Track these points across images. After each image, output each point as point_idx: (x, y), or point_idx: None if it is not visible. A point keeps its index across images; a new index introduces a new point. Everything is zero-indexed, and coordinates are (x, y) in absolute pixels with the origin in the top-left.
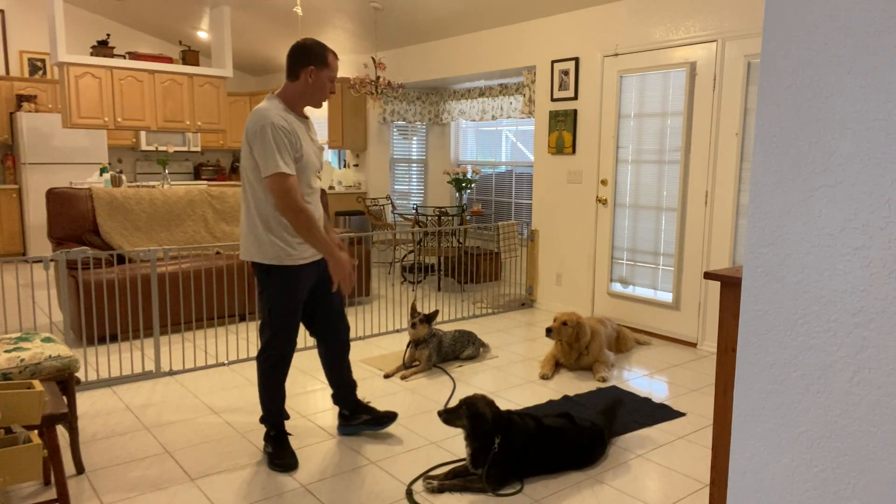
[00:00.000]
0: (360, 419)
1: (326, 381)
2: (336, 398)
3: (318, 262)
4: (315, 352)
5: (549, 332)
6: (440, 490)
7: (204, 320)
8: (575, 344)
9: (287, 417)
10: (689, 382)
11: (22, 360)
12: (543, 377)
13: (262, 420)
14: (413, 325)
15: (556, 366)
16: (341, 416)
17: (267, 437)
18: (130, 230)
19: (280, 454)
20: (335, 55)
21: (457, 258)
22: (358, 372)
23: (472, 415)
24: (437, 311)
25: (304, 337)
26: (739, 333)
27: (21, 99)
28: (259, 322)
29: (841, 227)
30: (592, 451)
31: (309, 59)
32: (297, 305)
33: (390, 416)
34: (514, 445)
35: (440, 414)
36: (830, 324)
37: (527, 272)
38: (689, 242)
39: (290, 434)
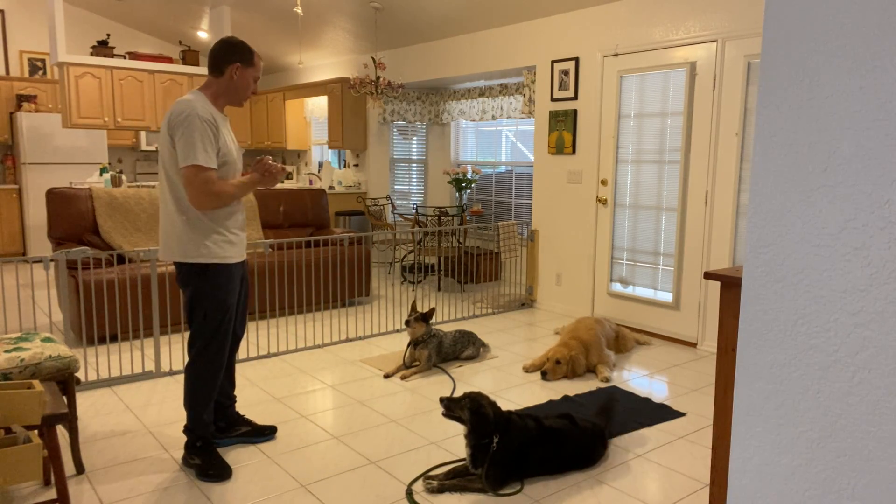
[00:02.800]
0: (238, 431)
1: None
2: (212, 410)
3: (242, 262)
4: (314, 352)
5: (544, 375)
6: (440, 490)
7: None
8: (571, 374)
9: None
10: (689, 382)
11: (22, 360)
12: (525, 370)
13: (188, 431)
14: (407, 324)
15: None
16: (216, 428)
17: (193, 449)
18: (130, 230)
19: (212, 464)
20: (259, 56)
21: (457, 258)
22: (358, 372)
23: (473, 409)
24: (433, 309)
25: (303, 336)
26: (739, 333)
27: (21, 99)
28: (189, 330)
29: (841, 227)
30: (593, 452)
31: (235, 55)
32: (232, 307)
33: (270, 429)
34: (512, 445)
35: (442, 400)
36: (830, 324)
37: (527, 272)
38: (689, 242)
39: (216, 444)
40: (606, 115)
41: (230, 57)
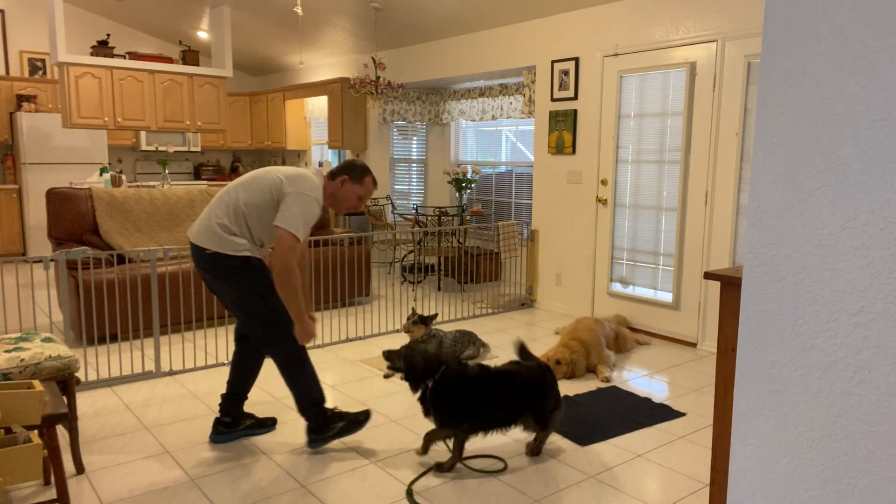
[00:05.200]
0: (242, 425)
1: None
2: (224, 403)
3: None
4: (314, 352)
5: None
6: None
7: (204, 320)
8: (571, 374)
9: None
10: (689, 382)
11: (22, 360)
12: None
13: (314, 405)
14: (407, 330)
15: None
16: (220, 423)
17: (328, 420)
18: (130, 230)
19: (352, 416)
20: (374, 181)
21: (457, 258)
22: (358, 372)
23: (406, 357)
24: (435, 315)
25: None
26: (739, 333)
27: (21, 99)
28: (249, 327)
29: (841, 227)
30: (543, 385)
31: (348, 171)
32: None
33: (272, 420)
34: (447, 386)
35: (384, 353)
36: (830, 324)
37: (527, 272)
38: (689, 242)
39: (222, 440)
40: (606, 115)
41: (344, 170)
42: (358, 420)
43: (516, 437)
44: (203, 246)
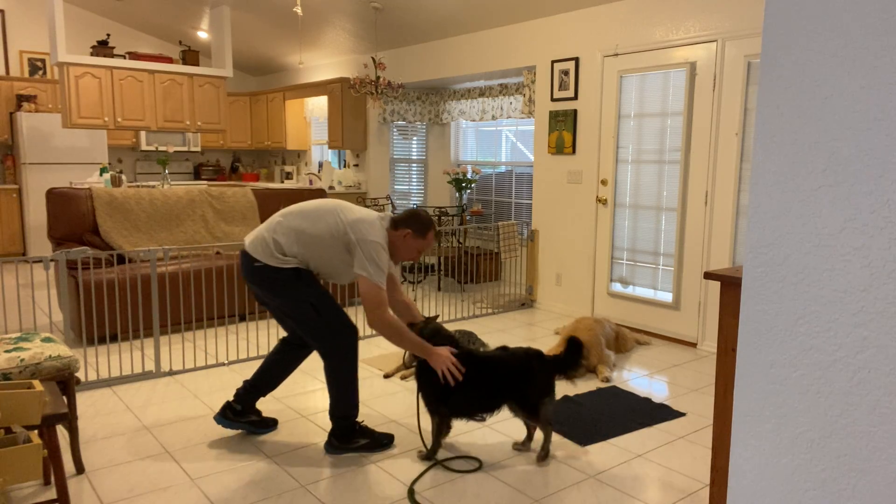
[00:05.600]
0: (247, 418)
1: (259, 375)
2: (243, 392)
3: None
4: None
5: None
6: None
7: (204, 320)
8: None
9: None
10: (689, 382)
11: (22, 360)
12: None
13: (345, 417)
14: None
15: None
16: (230, 409)
17: (355, 434)
18: (130, 230)
19: (377, 436)
20: (436, 234)
21: (457, 258)
22: (358, 372)
23: (420, 329)
24: (436, 316)
25: None
26: (739, 333)
27: (21, 99)
28: (308, 335)
29: (841, 227)
30: (530, 371)
31: (411, 224)
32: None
33: (273, 421)
34: (430, 366)
35: (407, 324)
36: (830, 324)
37: (527, 272)
38: (689, 242)
39: (227, 425)
40: (606, 115)
41: (408, 222)
42: (381, 443)
43: (512, 436)
44: (253, 255)
